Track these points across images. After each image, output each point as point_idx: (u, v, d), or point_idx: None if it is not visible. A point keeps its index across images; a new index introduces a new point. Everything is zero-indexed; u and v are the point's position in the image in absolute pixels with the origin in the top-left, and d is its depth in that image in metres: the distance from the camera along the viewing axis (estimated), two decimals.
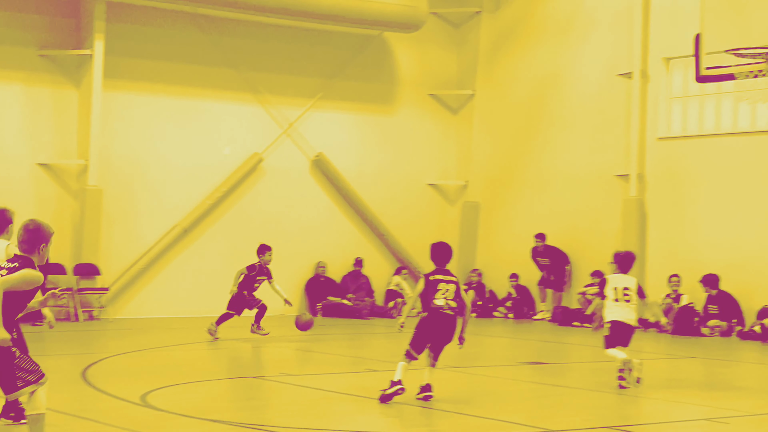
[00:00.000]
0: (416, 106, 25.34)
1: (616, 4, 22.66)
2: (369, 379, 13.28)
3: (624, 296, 12.96)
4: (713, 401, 11.94)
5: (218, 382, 12.44)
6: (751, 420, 10.80)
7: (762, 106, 19.66)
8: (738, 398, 12.24)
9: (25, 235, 7.72)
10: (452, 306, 11.46)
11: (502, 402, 11.73)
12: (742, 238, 20.28)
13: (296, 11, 22.47)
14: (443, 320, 11.43)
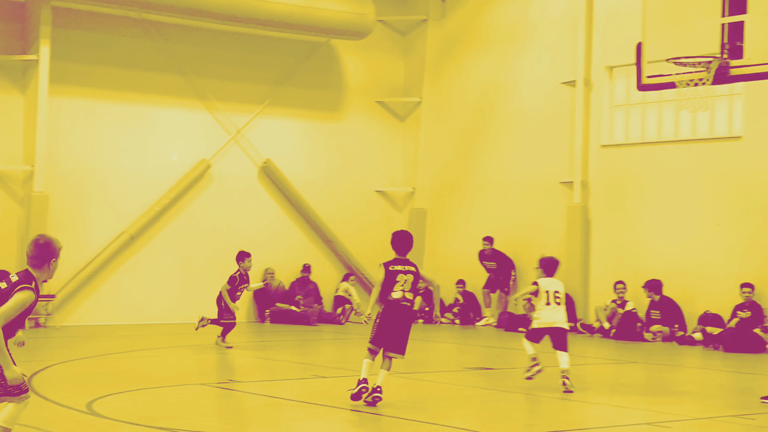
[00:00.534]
0: (363, 113, 25.46)
1: (559, 13, 22.90)
2: (316, 386, 13.37)
3: (555, 299, 13.40)
4: (655, 406, 12.10)
5: (165, 390, 12.43)
6: (692, 424, 10.97)
7: (702, 114, 20.02)
8: (679, 403, 12.41)
9: (36, 250, 7.83)
10: (409, 297, 11.54)
11: (449, 407, 11.82)
12: (683, 244, 20.56)
13: (244, 18, 22.50)
14: (401, 312, 11.50)
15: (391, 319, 11.50)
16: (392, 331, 11.50)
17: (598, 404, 12.42)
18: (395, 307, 11.50)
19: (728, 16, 14.00)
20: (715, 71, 14.05)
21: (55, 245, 7.88)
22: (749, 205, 19.58)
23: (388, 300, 11.51)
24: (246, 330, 21.47)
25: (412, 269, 11.66)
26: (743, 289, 19.01)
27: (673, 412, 11.55)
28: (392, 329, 11.50)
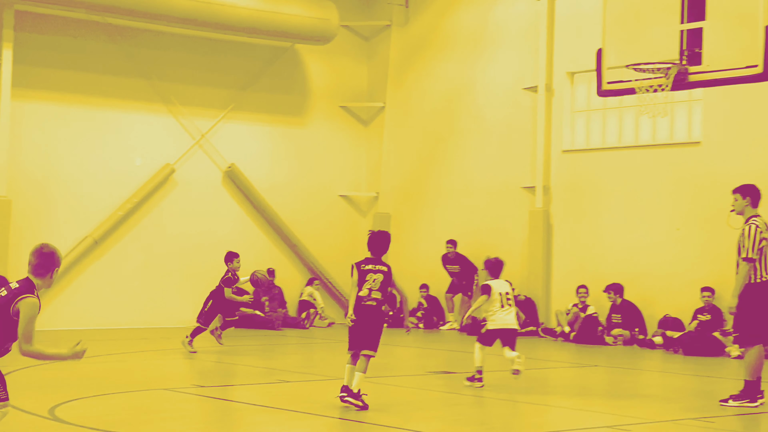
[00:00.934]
0: (327, 118, 25.53)
1: (521, 19, 23.06)
2: (281, 390, 13.42)
3: (507, 301, 13.73)
4: (616, 409, 12.21)
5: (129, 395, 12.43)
6: (652, 427, 11.07)
7: (662, 120, 20.23)
8: (640, 406, 12.52)
9: (40, 259, 7.84)
10: (375, 297, 11.57)
11: (412, 411, 11.89)
12: (643, 248, 20.75)
13: (208, 22, 22.53)
14: (364, 311, 11.57)
15: (357, 318, 11.60)
16: (357, 329, 11.61)
17: (561, 407, 12.54)
18: (358, 306, 11.60)
19: (687, 22, 14.21)
20: (674, 77, 14.26)
21: (57, 255, 7.92)
22: (708, 210, 19.78)
23: (357, 299, 11.61)
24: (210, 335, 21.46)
25: (382, 269, 11.69)
26: (703, 293, 19.22)
27: (634, 415, 11.67)
28: (358, 328, 11.61)
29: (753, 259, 12.03)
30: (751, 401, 12.07)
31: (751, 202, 12.35)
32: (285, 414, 11.31)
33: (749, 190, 12.40)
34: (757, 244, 12.02)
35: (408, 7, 25.47)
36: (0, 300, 7.70)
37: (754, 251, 12.02)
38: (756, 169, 18.98)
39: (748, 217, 12.28)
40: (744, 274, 12.07)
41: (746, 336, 12.26)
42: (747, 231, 12.11)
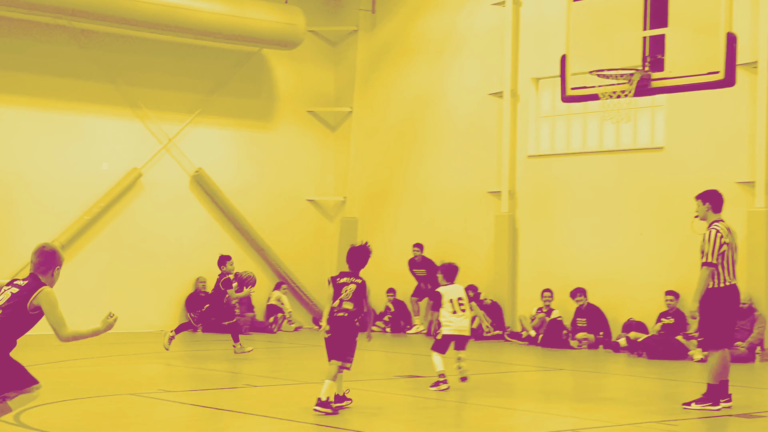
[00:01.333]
0: (295, 123, 25.58)
1: (487, 25, 23.19)
2: (247, 395, 13.46)
3: (460, 307, 13.94)
4: (581, 412, 12.34)
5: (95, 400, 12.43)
6: (616, 430, 11.17)
7: (625, 126, 20.40)
8: (605, 409, 12.62)
9: (41, 257, 8.32)
10: (346, 307, 11.64)
11: (379, 416, 11.96)
12: (608, 252, 20.91)
13: (175, 27, 22.54)
14: (335, 322, 11.66)
15: (330, 329, 11.72)
16: (331, 340, 11.72)
17: (525, 411, 12.65)
18: (331, 318, 11.71)
19: (650, 29, 14.36)
20: (637, 83, 14.41)
21: (59, 254, 8.35)
22: (671, 215, 19.97)
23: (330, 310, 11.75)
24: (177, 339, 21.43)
25: (357, 281, 11.80)
26: (667, 297, 19.39)
27: (599, 418, 11.79)
28: (330, 339, 11.73)
29: (713, 264, 12.13)
30: (714, 404, 12.19)
31: (712, 208, 12.47)
32: (252, 419, 11.34)
33: (710, 196, 12.52)
34: (717, 249, 12.13)
35: (375, 13, 25.56)
36: (13, 297, 8.12)
37: (715, 256, 12.12)
38: (717, 174, 19.23)
39: (711, 222, 12.40)
40: (704, 279, 12.17)
41: (710, 340, 12.39)
42: (708, 236, 12.23)
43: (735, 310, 12.51)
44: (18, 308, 8.16)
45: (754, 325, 18.27)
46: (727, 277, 12.20)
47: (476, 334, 21.99)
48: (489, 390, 14.23)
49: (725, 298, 12.23)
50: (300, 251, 25.23)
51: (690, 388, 13.82)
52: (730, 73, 13.73)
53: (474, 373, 13.76)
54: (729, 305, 12.30)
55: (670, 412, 12.27)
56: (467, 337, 14.21)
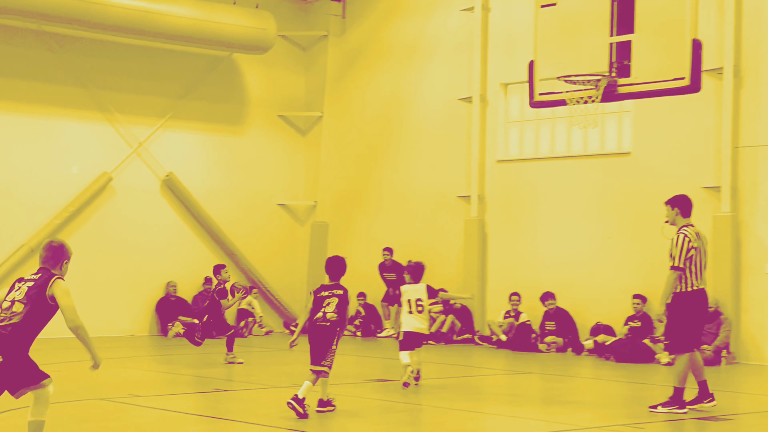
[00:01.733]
0: (266, 127, 25.62)
1: (456, 31, 23.31)
2: (217, 400, 13.49)
3: (417, 307, 14.33)
4: (549, 416, 12.44)
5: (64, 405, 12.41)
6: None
7: (593, 131, 20.56)
8: (573, 412, 12.75)
9: (49, 252, 8.80)
10: (330, 318, 11.95)
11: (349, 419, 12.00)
12: (576, 257, 21.06)
13: (145, 31, 22.53)
14: (317, 331, 11.95)
15: (310, 337, 12.05)
16: (311, 347, 12.02)
17: (494, 414, 12.76)
18: (312, 326, 12.03)
19: (616, 35, 14.43)
20: (604, 89, 14.49)
21: (67, 248, 8.81)
22: (639, 219, 20.15)
23: (311, 320, 12.05)
24: (148, 344, 21.47)
25: (338, 292, 12.13)
26: (634, 301, 19.54)
27: (567, 421, 11.90)
28: (311, 346, 12.02)
29: (681, 269, 12.25)
30: (680, 408, 12.32)
31: (682, 212, 12.58)
32: (220, 423, 11.38)
33: (679, 201, 12.64)
34: (685, 253, 12.24)
35: (345, 18, 25.64)
36: (31, 290, 8.52)
37: (682, 261, 12.23)
38: (684, 179, 19.39)
39: (680, 226, 12.51)
40: (671, 283, 12.29)
41: (676, 344, 12.52)
42: (676, 240, 12.33)
43: (702, 314, 12.61)
44: (39, 299, 8.56)
45: (720, 328, 18.43)
46: (695, 282, 12.30)
47: (446, 337, 22.14)
48: (458, 393, 14.32)
49: (692, 302, 12.33)
50: (271, 255, 25.26)
51: (657, 391, 13.96)
52: (696, 79, 13.84)
53: (444, 377, 13.88)
54: (696, 309, 12.40)
55: (637, 415, 12.36)
56: (423, 336, 14.61)
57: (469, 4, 22.89)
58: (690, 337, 12.44)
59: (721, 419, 12.02)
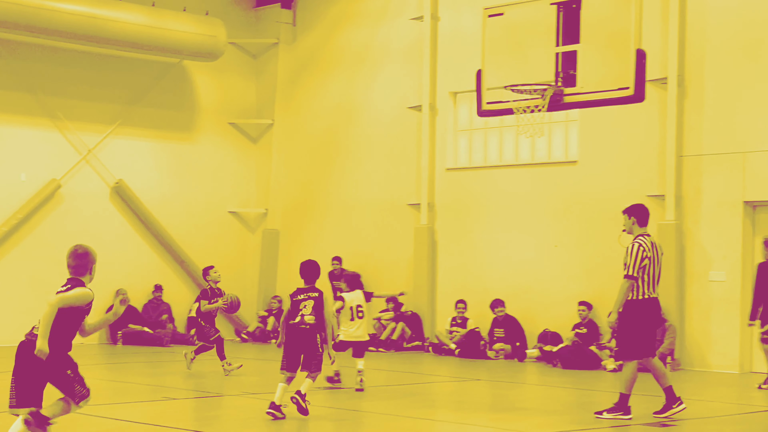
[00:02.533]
0: (216, 135, 25.60)
1: (406, 39, 23.44)
2: (166, 408, 13.47)
3: (358, 314, 14.91)
4: (497, 422, 12.53)
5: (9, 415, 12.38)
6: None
7: (540, 140, 20.78)
8: (520, 419, 12.84)
9: (76, 259, 8.95)
10: (309, 321, 12.25)
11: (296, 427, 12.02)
12: (524, 264, 21.22)
13: (95, 37, 22.44)
14: (297, 335, 12.23)
15: (289, 342, 12.32)
16: (292, 352, 12.29)
17: (443, 421, 12.86)
18: (292, 331, 12.27)
19: (562, 45, 14.57)
20: (550, 98, 14.59)
21: (92, 254, 8.96)
22: (585, 227, 20.37)
23: (290, 324, 12.31)
24: (97, 352, 21.37)
25: (313, 294, 12.43)
26: (580, 308, 19.75)
27: (514, 428, 12.01)
28: (291, 351, 12.29)
29: (634, 277, 12.36)
30: (625, 414, 12.45)
31: (638, 221, 12.70)
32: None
33: (636, 210, 12.78)
34: (639, 262, 12.35)
35: (295, 26, 25.69)
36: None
37: (635, 269, 12.36)
38: (629, 187, 19.65)
39: (636, 235, 12.64)
40: (624, 291, 12.38)
41: (624, 350, 12.65)
42: (630, 249, 12.45)
43: (654, 322, 12.74)
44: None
45: (665, 335, 18.66)
46: (647, 291, 12.43)
47: (397, 344, 22.24)
48: (407, 400, 14.40)
49: (644, 310, 12.46)
50: (222, 263, 25.07)
51: (603, 398, 14.11)
52: (640, 88, 14.03)
53: (393, 384, 13.94)
54: (647, 318, 12.54)
55: (584, 421, 12.49)
56: (365, 343, 15.15)
57: (419, 13, 23.04)
58: (639, 345, 12.57)
59: (666, 425, 12.15)
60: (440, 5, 22.82)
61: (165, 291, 23.94)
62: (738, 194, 18.50)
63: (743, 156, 18.47)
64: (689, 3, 19.16)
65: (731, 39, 18.75)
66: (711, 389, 16.39)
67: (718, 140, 18.82)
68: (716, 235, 18.44)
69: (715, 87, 18.88)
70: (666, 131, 19.24)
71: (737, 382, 17.29)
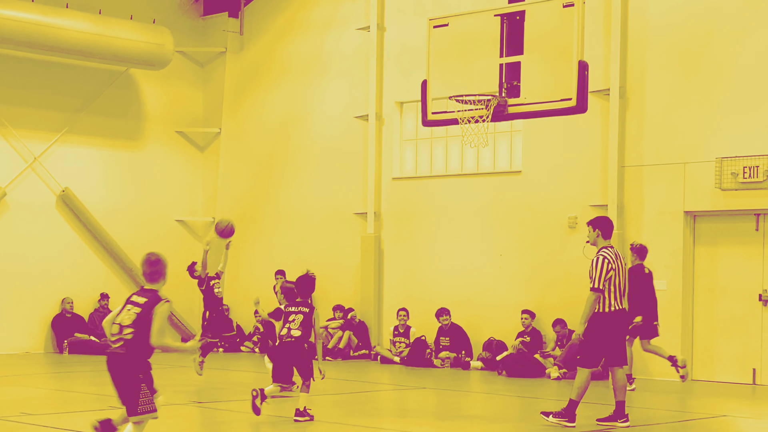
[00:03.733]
0: (163, 143, 25.55)
1: (353, 49, 23.55)
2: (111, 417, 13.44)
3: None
4: (442, 430, 12.67)
5: None
6: None
7: (485, 150, 20.96)
8: (464, 427, 12.96)
9: (150, 267, 9.40)
10: (294, 334, 12.74)
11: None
12: (469, 273, 21.36)
13: (41, 45, 22.34)
14: (284, 347, 12.79)
15: (277, 354, 12.99)
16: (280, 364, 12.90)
17: (387, 430, 12.91)
18: (280, 343, 12.87)
19: (506, 56, 14.74)
20: (494, 109, 14.75)
21: (164, 260, 9.48)
22: (529, 236, 20.57)
23: (278, 336, 12.87)
24: (43, 361, 21.27)
25: (304, 309, 12.91)
26: (523, 316, 19.92)
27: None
28: (279, 363, 12.92)
29: (600, 290, 12.46)
30: (570, 421, 12.55)
31: (602, 234, 12.80)
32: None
33: (600, 223, 12.88)
34: (604, 275, 12.44)
35: (243, 35, 25.71)
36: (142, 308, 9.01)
37: (601, 282, 12.44)
38: (573, 197, 19.90)
39: (600, 248, 12.75)
40: (590, 304, 12.46)
41: (585, 358, 12.70)
42: (595, 262, 12.54)
43: (620, 333, 12.84)
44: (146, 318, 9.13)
45: None
46: (614, 302, 12.55)
47: (344, 353, 22.31)
48: (351, 409, 14.47)
49: (610, 322, 12.57)
50: (169, 272, 25.08)
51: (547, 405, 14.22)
52: (582, 100, 14.23)
53: (338, 393, 14.01)
54: (613, 329, 12.64)
55: (526, 429, 12.67)
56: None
57: (365, 23, 23.18)
58: (603, 355, 12.75)
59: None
60: (387, 16, 22.96)
61: (111, 299, 23.81)
62: (678, 204, 18.78)
63: (683, 166, 18.76)
64: (631, 15, 19.44)
65: (672, 51, 19.05)
66: (653, 397, 16.60)
67: (659, 151, 19.10)
68: (657, 244, 18.69)
69: (656, 98, 19.17)
70: (608, 142, 19.48)
71: (679, 389, 17.53)
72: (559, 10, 14.41)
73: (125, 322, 9.13)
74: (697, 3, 18.81)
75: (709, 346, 18.70)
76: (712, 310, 18.64)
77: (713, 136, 18.46)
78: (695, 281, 18.88)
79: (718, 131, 18.44)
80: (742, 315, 18.42)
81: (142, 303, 9.12)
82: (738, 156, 18.05)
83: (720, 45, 18.52)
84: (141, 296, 9.23)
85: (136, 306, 9.12)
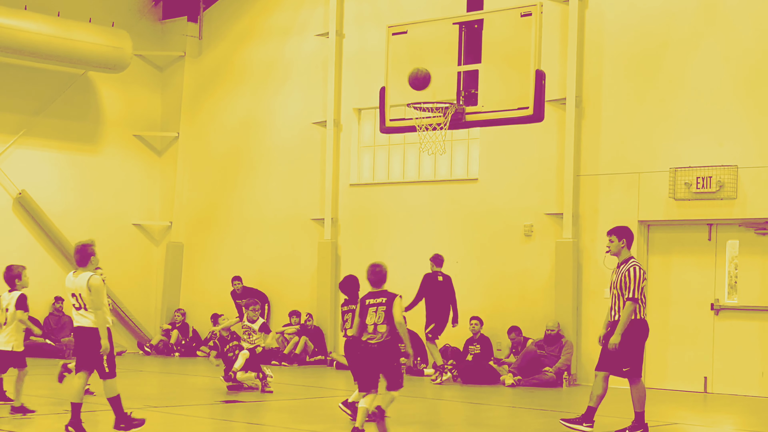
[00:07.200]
0: (121, 146, 25.48)
1: (311, 55, 23.62)
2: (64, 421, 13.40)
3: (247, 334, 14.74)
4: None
5: None
6: None
7: (442, 157, 21.07)
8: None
9: (375, 275, 10.56)
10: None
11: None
12: None
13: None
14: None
15: (353, 355, 12.90)
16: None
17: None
18: (357, 343, 11.89)
19: (464, 64, 14.84)
20: (452, 117, 14.82)
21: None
22: (485, 244, 20.69)
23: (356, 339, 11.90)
24: None
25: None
26: (472, 322, 19.92)
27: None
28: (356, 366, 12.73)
29: (638, 299, 12.53)
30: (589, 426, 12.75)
31: (627, 244, 12.83)
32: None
33: (624, 233, 12.87)
34: (640, 284, 12.53)
35: (202, 39, 25.72)
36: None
37: (638, 292, 12.51)
38: (528, 205, 20.06)
39: (626, 258, 12.77)
40: (628, 313, 12.49)
41: (633, 370, 12.72)
42: (632, 272, 12.56)
43: (643, 341, 12.91)
44: None
45: (562, 351, 19.01)
46: (643, 311, 12.68)
47: (300, 358, 22.34)
48: (305, 415, 14.49)
49: (642, 330, 12.70)
50: (125, 275, 25.09)
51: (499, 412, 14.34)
52: (539, 108, 14.33)
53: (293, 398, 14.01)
54: (643, 337, 12.79)
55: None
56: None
57: (324, 29, 23.25)
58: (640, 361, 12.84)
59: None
60: (346, 22, 23.05)
61: (66, 302, 23.69)
62: (633, 213, 18.96)
63: (638, 176, 18.96)
64: (587, 25, 19.63)
65: (627, 61, 19.25)
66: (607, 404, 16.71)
67: (614, 160, 19.28)
68: None
69: (612, 108, 19.36)
70: (564, 150, 19.65)
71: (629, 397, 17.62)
72: (516, 19, 14.51)
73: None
74: (653, 11, 19.03)
75: (661, 354, 18.88)
76: (665, 319, 18.83)
77: (668, 147, 18.66)
78: (648, 290, 19.04)
79: (672, 141, 18.64)
80: (694, 324, 18.63)
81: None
82: (692, 166, 18.26)
83: (675, 56, 18.74)
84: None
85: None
